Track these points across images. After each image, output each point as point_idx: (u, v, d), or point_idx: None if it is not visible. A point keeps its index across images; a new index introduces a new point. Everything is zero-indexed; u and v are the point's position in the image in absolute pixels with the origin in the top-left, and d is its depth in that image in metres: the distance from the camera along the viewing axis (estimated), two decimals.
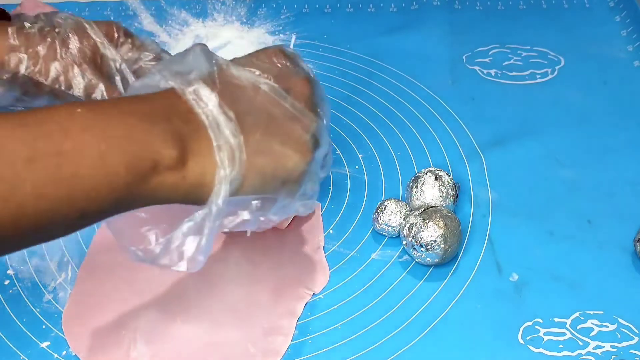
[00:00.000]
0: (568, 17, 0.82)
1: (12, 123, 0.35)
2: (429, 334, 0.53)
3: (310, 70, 0.49)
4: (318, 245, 0.59)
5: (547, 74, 0.75)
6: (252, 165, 0.41)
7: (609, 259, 0.58)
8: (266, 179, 0.42)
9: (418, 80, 0.75)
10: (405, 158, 0.67)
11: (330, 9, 0.85)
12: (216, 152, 0.40)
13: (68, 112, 0.37)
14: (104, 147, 0.36)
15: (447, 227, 0.55)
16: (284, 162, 0.43)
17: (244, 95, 0.43)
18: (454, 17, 0.83)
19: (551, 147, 0.67)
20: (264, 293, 0.56)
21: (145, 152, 0.37)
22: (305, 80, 0.47)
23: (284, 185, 0.44)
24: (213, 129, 0.40)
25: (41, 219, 0.35)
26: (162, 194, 0.39)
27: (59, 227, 0.37)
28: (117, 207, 0.38)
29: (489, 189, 0.64)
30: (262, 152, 0.42)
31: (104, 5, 0.85)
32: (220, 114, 0.40)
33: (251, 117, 0.42)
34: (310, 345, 0.53)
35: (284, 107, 0.44)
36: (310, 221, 0.61)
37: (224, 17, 0.84)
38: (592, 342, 0.52)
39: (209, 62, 0.43)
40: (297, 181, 0.44)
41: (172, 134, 0.39)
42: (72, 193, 0.35)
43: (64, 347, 0.53)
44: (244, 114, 0.41)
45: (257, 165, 0.41)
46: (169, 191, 0.39)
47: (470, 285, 0.56)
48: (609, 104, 0.72)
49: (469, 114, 0.71)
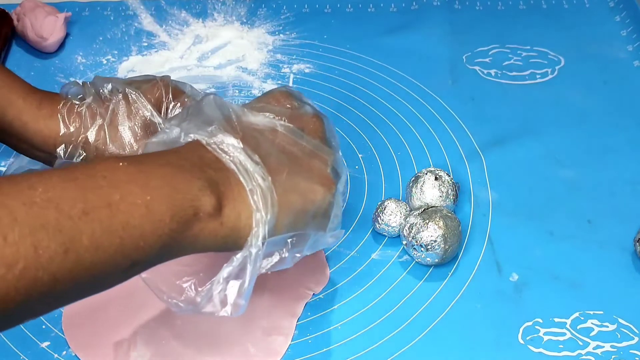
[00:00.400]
0: (568, 17, 0.82)
1: (62, 178, 0.35)
2: (429, 334, 0.53)
3: (315, 106, 0.51)
4: None
5: (547, 74, 0.75)
6: (284, 204, 0.43)
7: (609, 259, 0.58)
8: (298, 215, 0.44)
9: (418, 80, 0.75)
10: (405, 158, 0.67)
11: (330, 9, 0.85)
12: (250, 195, 0.41)
13: (112, 166, 0.38)
14: (149, 197, 0.37)
15: (447, 227, 0.55)
16: (312, 197, 0.45)
17: (264, 139, 0.45)
18: (454, 17, 0.83)
19: (551, 147, 0.67)
20: (264, 293, 0.55)
21: (186, 201, 0.39)
22: (315, 117, 0.49)
23: (314, 220, 0.46)
24: (243, 174, 0.42)
25: (97, 271, 0.35)
26: (202, 241, 0.40)
27: (110, 279, 0.38)
28: (162, 256, 0.39)
29: (489, 189, 0.64)
30: (290, 190, 0.43)
31: (104, 5, 0.85)
32: (247, 160, 0.42)
33: (274, 158, 0.44)
34: (310, 345, 0.53)
35: (302, 145, 0.46)
36: None
37: (224, 17, 0.84)
38: (592, 342, 0.52)
39: (225, 110, 0.45)
40: (325, 213, 0.46)
41: (208, 182, 0.40)
42: (123, 243, 0.36)
43: (64, 347, 0.53)
44: (267, 156, 0.43)
45: (288, 204, 0.43)
46: (209, 238, 0.40)
47: (470, 285, 0.56)
48: (609, 104, 0.72)
49: (469, 114, 0.71)
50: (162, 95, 0.56)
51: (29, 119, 0.54)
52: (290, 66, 0.77)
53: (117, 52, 0.80)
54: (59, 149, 0.54)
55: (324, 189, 0.45)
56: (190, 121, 0.44)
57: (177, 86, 0.57)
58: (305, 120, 0.48)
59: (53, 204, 0.34)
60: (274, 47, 0.80)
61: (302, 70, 0.77)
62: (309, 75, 0.76)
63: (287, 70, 0.77)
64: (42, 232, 0.33)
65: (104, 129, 0.54)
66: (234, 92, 0.75)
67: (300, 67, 0.77)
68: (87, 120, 0.55)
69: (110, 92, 0.56)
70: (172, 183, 0.39)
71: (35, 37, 0.78)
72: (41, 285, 0.33)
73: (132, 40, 0.81)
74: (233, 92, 0.75)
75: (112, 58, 0.79)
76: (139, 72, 0.77)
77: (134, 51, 0.80)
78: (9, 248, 0.31)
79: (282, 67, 0.77)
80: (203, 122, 0.44)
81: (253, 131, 0.45)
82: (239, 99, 0.74)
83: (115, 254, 0.36)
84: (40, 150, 0.55)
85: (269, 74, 0.77)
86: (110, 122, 0.55)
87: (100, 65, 0.78)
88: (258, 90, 0.75)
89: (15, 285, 0.32)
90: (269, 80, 0.76)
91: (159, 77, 0.57)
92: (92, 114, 0.55)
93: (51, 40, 0.78)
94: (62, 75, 0.77)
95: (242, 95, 0.74)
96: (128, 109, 0.55)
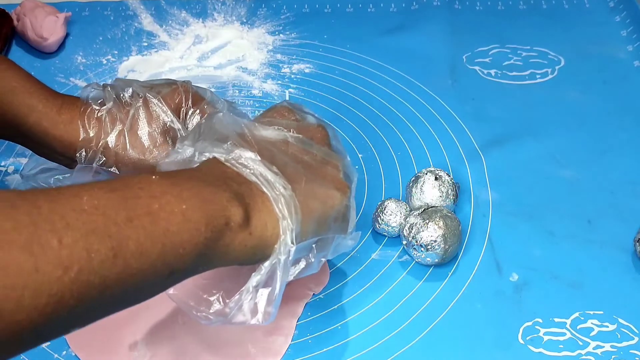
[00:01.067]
0: (568, 17, 0.82)
1: (103, 190, 0.36)
2: (429, 334, 0.53)
3: (317, 116, 0.52)
4: None
5: (547, 74, 0.75)
6: (306, 211, 0.44)
7: (609, 259, 0.58)
8: (320, 221, 0.45)
9: (418, 80, 0.75)
10: (405, 158, 0.67)
11: (330, 9, 0.85)
12: (274, 204, 0.43)
13: (146, 179, 0.39)
14: (185, 206, 0.38)
15: (447, 227, 0.55)
16: (331, 202, 0.46)
17: (277, 151, 0.46)
18: (454, 17, 0.83)
19: (551, 147, 0.67)
20: None
21: (218, 211, 0.40)
22: (319, 126, 0.51)
23: (335, 224, 0.47)
24: (265, 185, 0.43)
25: (141, 277, 0.36)
26: (233, 251, 0.41)
27: (151, 287, 0.39)
28: (197, 265, 0.40)
29: (489, 189, 0.64)
30: (310, 197, 0.45)
31: (104, 5, 0.85)
32: (266, 171, 0.44)
33: (290, 168, 0.45)
34: (310, 345, 0.53)
35: (313, 154, 0.48)
36: None
37: (224, 17, 0.84)
38: (592, 342, 0.52)
39: (237, 127, 0.47)
40: (344, 217, 0.48)
41: (234, 194, 0.41)
42: (165, 249, 0.37)
43: (64, 347, 0.53)
44: (284, 166, 0.45)
45: (310, 211, 0.44)
46: (239, 247, 0.42)
47: (470, 285, 0.56)
48: (609, 104, 0.72)
49: (469, 114, 0.71)
50: (182, 101, 0.56)
51: (49, 125, 0.54)
52: (290, 66, 0.77)
53: (117, 52, 0.80)
54: (79, 153, 0.54)
55: (340, 194, 0.47)
56: (204, 139, 0.46)
57: (198, 92, 0.57)
58: (311, 130, 0.50)
59: (100, 210, 0.35)
60: (274, 47, 0.80)
61: (302, 70, 0.77)
62: (309, 75, 0.76)
63: (287, 70, 0.77)
64: (93, 237, 0.34)
65: (124, 134, 0.54)
66: (234, 92, 0.75)
67: (300, 67, 0.77)
68: (107, 126, 0.55)
69: (130, 96, 0.56)
70: (201, 195, 0.40)
71: (35, 37, 0.78)
72: (93, 290, 0.34)
73: (132, 40, 0.81)
74: (233, 92, 0.75)
75: (112, 58, 0.79)
76: (139, 72, 0.77)
77: (134, 51, 0.80)
78: (64, 250, 0.32)
79: (282, 67, 0.77)
80: (217, 140, 0.45)
81: (267, 144, 0.46)
82: (239, 99, 0.74)
83: (157, 260, 0.37)
84: (60, 155, 0.55)
85: (269, 74, 0.77)
86: (131, 128, 0.55)
87: (100, 65, 0.78)
88: (258, 90, 0.75)
89: (70, 288, 0.32)
90: (269, 80, 0.76)
91: (180, 82, 0.57)
92: (113, 119, 0.55)
93: (51, 40, 0.78)
94: (62, 75, 0.77)
95: (242, 95, 0.74)
96: (148, 115, 0.55)
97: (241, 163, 0.44)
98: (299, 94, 0.74)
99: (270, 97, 0.74)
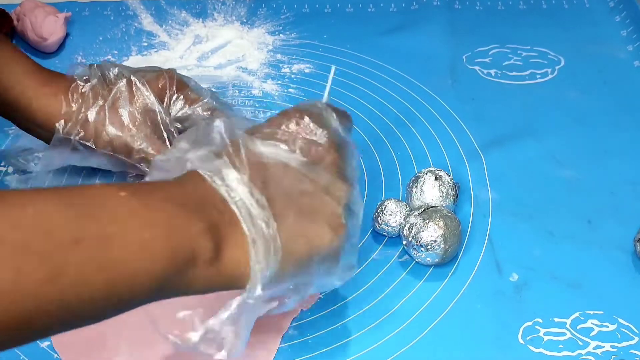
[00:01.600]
0: (568, 17, 0.82)
1: (58, 201, 0.34)
2: (429, 334, 0.53)
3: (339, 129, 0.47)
4: None
5: (547, 74, 0.75)
6: (287, 253, 0.40)
7: (609, 259, 0.58)
8: (302, 262, 0.41)
9: (418, 80, 0.75)
10: (405, 158, 0.67)
11: (330, 9, 0.85)
12: (250, 246, 0.39)
13: (112, 194, 0.36)
14: (147, 235, 0.35)
15: (447, 227, 0.55)
16: (319, 243, 0.42)
17: (272, 176, 0.42)
18: (454, 17, 0.83)
19: (551, 147, 0.67)
20: None
21: (185, 243, 0.37)
22: (332, 146, 0.45)
23: (320, 265, 0.43)
24: (246, 220, 0.39)
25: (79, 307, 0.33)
26: (197, 286, 0.39)
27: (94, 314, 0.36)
28: (152, 297, 0.38)
29: (489, 189, 0.64)
30: (295, 235, 0.41)
31: (104, 5, 0.85)
32: (252, 203, 0.40)
33: (282, 198, 0.41)
34: (310, 345, 0.53)
35: (314, 182, 0.43)
36: None
37: (224, 17, 0.84)
38: (592, 342, 0.52)
39: (235, 140, 0.42)
40: (334, 258, 0.43)
41: (210, 225, 0.38)
42: (112, 279, 0.34)
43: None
44: (275, 196, 0.41)
45: (292, 252, 0.41)
46: (204, 283, 0.39)
47: (470, 285, 0.56)
48: (608, 104, 0.72)
49: (469, 114, 0.71)
50: (165, 85, 0.57)
51: (33, 95, 0.55)
52: (290, 66, 0.77)
53: (117, 52, 0.80)
54: (58, 124, 0.55)
55: (332, 233, 0.42)
56: (197, 149, 0.42)
57: (182, 79, 0.59)
58: (320, 151, 0.44)
59: (42, 228, 0.32)
60: (274, 47, 0.80)
61: (302, 70, 0.77)
62: (309, 75, 0.76)
63: (287, 70, 0.77)
64: (27, 256, 0.31)
65: (105, 109, 0.55)
66: (234, 92, 0.75)
67: (300, 67, 0.77)
68: (89, 101, 0.56)
69: (115, 76, 0.57)
70: (172, 222, 0.37)
71: (35, 37, 0.78)
72: (24, 312, 0.31)
73: (132, 40, 0.81)
74: (233, 92, 0.75)
75: (112, 58, 0.79)
76: None
77: (134, 51, 0.80)
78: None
79: (282, 67, 0.77)
80: (211, 152, 0.41)
81: (262, 166, 0.42)
82: (239, 99, 0.74)
83: (101, 290, 0.34)
84: (42, 128, 0.57)
85: (269, 74, 0.77)
86: (112, 104, 0.56)
87: None
88: (258, 90, 0.75)
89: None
90: (269, 80, 0.76)
91: (165, 70, 0.59)
92: (95, 95, 0.56)
93: (51, 40, 0.78)
94: None
95: (242, 95, 0.74)
96: (130, 95, 0.56)
97: (228, 185, 0.40)
98: (299, 94, 0.74)
99: (270, 97, 0.74)
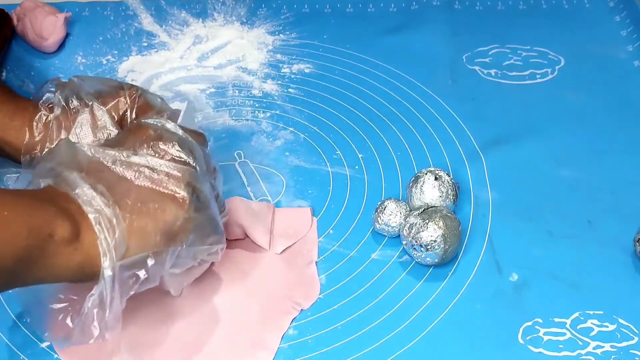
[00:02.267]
0: (568, 17, 0.82)
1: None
2: (429, 334, 0.53)
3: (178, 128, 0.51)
4: (311, 259, 0.58)
5: (547, 74, 0.75)
6: (132, 228, 0.45)
7: (609, 259, 0.58)
8: (150, 236, 0.46)
9: (418, 80, 0.75)
10: (405, 158, 0.67)
11: (330, 9, 0.85)
12: (94, 223, 0.44)
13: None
14: (7, 212, 0.41)
15: (447, 227, 0.55)
16: (163, 216, 0.46)
17: (109, 171, 0.47)
18: (454, 17, 0.83)
19: (551, 147, 0.67)
20: (252, 306, 0.55)
21: (43, 222, 0.42)
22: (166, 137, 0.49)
23: (174, 238, 0.47)
24: (87, 204, 0.44)
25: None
26: (59, 265, 0.43)
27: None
28: (16, 271, 0.42)
29: (489, 189, 0.64)
30: (138, 213, 0.45)
31: (104, 5, 0.85)
32: (89, 190, 0.45)
33: (120, 186, 0.46)
34: (310, 345, 0.53)
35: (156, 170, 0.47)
36: (304, 236, 0.60)
37: (224, 17, 0.84)
38: (592, 342, 0.52)
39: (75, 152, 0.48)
40: (184, 230, 0.47)
41: (62, 210, 0.43)
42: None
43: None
44: (112, 185, 0.46)
45: (137, 227, 0.45)
46: (64, 262, 0.43)
47: (470, 285, 0.56)
48: (609, 104, 0.72)
49: (469, 114, 0.71)
50: (126, 111, 0.58)
51: (1, 129, 0.57)
52: (290, 66, 0.77)
53: (117, 52, 0.80)
54: (23, 157, 0.57)
55: (175, 206, 0.46)
56: (42, 166, 0.48)
57: (148, 100, 0.59)
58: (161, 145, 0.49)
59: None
60: (274, 47, 0.80)
61: (302, 70, 0.77)
62: (309, 75, 0.76)
63: (287, 70, 0.77)
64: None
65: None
66: (234, 92, 0.75)
67: (300, 67, 0.77)
68: (53, 133, 0.57)
69: (79, 104, 0.58)
70: (29, 206, 0.42)
71: (35, 37, 0.78)
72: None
73: (132, 40, 0.81)
74: (233, 92, 0.75)
75: (112, 58, 0.79)
76: (139, 72, 0.77)
77: (134, 51, 0.80)
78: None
79: (282, 67, 0.77)
80: (57, 164, 0.47)
81: (100, 165, 0.47)
82: (238, 99, 0.74)
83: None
84: (12, 159, 0.59)
85: (269, 74, 0.77)
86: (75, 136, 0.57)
87: (100, 65, 0.78)
88: (258, 90, 0.75)
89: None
90: (268, 80, 0.76)
91: (127, 89, 0.59)
92: (59, 126, 0.57)
93: (51, 40, 0.78)
94: (62, 75, 0.77)
95: (242, 95, 0.74)
96: (94, 124, 0.57)
97: (68, 184, 0.45)
98: (299, 94, 0.74)
99: (270, 97, 0.74)
